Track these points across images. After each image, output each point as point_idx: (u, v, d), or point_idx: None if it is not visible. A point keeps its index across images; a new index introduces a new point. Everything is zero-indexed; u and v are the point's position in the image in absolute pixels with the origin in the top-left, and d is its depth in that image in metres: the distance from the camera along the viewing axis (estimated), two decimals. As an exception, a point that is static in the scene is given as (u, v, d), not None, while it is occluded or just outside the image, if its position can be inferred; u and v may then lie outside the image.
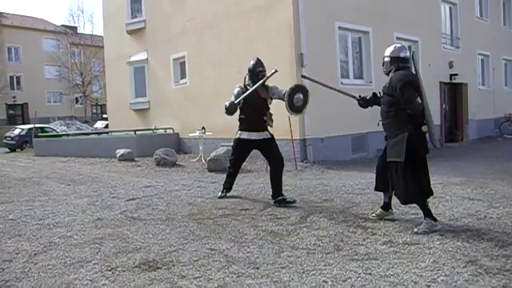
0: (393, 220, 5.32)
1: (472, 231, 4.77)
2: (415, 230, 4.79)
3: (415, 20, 15.20)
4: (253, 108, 6.53)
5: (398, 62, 5.10)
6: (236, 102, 6.48)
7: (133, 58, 17.41)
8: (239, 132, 6.72)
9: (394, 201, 5.29)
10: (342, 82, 12.17)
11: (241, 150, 6.84)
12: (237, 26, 12.93)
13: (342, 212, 5.81)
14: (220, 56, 13.53)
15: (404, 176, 4.84)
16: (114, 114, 19.78)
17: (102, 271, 3.85)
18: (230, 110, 6.51)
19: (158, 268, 3.89)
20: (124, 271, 3.83)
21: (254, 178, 9.40)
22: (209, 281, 3.58)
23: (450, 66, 17.30)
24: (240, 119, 6.72)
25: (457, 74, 17.38)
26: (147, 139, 14.81)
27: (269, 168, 6.79)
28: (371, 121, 5.77)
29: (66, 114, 44.41)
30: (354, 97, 5.82)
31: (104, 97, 31.08)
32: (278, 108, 10.58)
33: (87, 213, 6.23)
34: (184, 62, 15.29)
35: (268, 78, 6.53)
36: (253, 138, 6.61)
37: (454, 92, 18.06)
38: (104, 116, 39.21)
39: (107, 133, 19.92)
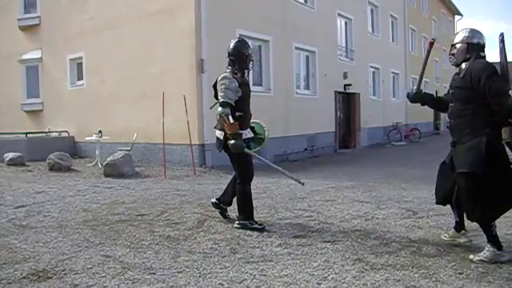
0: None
1: (361, 231, 5.14)
2: (471, 256, 3.97)
3: (313, 31, 15.94)
4: (248, 102, 5.43)
5: (478, 50, 4.05)
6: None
7: (25, 56, 16.45)
8: (244, 132, 5.26)
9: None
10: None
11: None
12: (138, 29, 12.70)
13: (239, 216, 5.91)
14: (120, 58, 13.18)
15: (475, 192, 3.90)
16: (2, 115, 18.45)
17: (-16, 284, 3.62)
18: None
19: (48, 278, 3.73)
20: (10, 283, 3.62)
21: (152, 183, 9.28)
22: (103, 288, 3.51)
23: (345, 76, 18.36)
24: (239, 117, 5.16)
25: (350, 85, 18.46)
26: (40, 143, 14.02)
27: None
28: (268, 125, 5.82)
29: None
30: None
31: (-9, 96, 28.89)
32: (179, 111, 10.60)
33: (-31, 221, 5.80)
34: (81, 63, 14.74)
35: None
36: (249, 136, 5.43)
37: (347, 101, 19.15)
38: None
39: (-6, 135, 18.57)
